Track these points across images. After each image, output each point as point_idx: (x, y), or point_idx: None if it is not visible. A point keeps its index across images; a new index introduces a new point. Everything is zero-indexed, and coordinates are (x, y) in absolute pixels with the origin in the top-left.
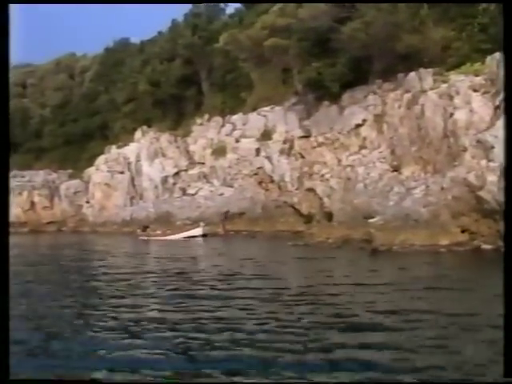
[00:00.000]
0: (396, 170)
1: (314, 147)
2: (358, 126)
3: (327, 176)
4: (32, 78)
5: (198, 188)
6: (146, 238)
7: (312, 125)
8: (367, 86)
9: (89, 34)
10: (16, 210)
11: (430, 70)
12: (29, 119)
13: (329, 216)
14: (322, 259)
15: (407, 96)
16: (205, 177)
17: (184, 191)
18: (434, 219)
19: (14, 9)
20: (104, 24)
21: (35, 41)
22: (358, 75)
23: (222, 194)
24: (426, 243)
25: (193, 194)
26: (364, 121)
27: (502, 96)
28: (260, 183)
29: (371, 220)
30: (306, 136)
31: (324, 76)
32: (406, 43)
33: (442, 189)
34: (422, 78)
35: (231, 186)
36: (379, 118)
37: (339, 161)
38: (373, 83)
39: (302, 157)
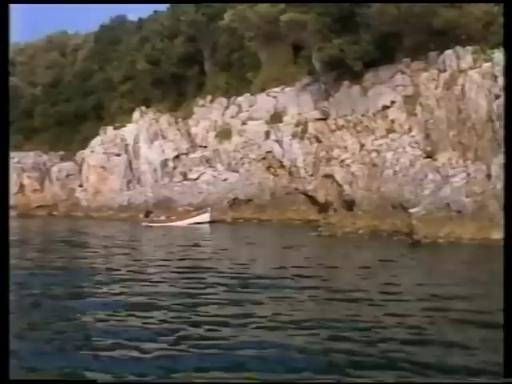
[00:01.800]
0: (430, 157)
1: (333, 130)
2: (385, 107)
3: (348, 161)
4: (21, 55)
5: (200, 172)
6: (149, 224)
7: (331, 106)
8: (393, 65)
9: (79, 12)
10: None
11: (468, 47)
12: (18, 98)
13: (348, 204)
14: (373, 254)
15: (444, 76)
16: (207, 161)
17: (185, 176)
18: (481, 210)
19: None
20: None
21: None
22: (383, 53)
23: (226, 180)
24: (477, 237)
25: (194, 179)
26: (392, 102)
27: None
28: (268, 168)
29: (412, 210)
30: (323, 118)
31: (346, 54)
32: (443, 18)
33: (488, 177)
34: (459, 57)
35: (236, 171)
36: (410, 100)
37: (362, 145)
38: (400, 62)
39: (318, 141)
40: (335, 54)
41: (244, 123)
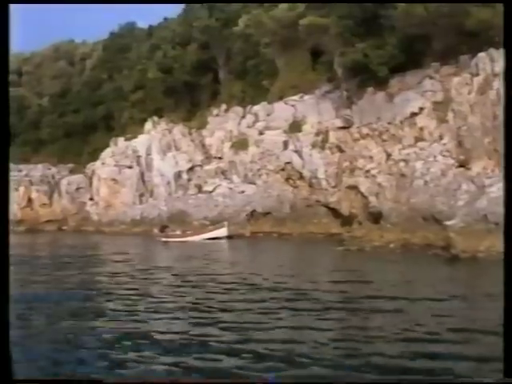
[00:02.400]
0: (463, 166)
1: (357, 139)
2: (413, 114)
3: (374, 172)
4: (27, 65)
5: (216, 185)
6: (164, 239)
7: (354, 114)
8: (421, 70)
9: (86, 21)
10: (11, 206)
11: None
12: (25, 109)
13: (375, 217)
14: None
15: (478, 80)
16: (223, 173)
17: (200, 188)
18: None
19: None
20: (103, 11)
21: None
22: (409, 58)
23: (242, 192)
24: None
25: (210, 192)
26: (421, 109)
27: None
28: (287, 180)
29: (449, 222)
30: (346, 127)
31: (370, 59)
32: (476, 19)
33: None
34: (493, 59)
35: (253, 183)
36: (440, 106)
37: (389, 155)
38: (428, 66)
39: (341, 150)
40: (359, 59)
41: (261, 133)
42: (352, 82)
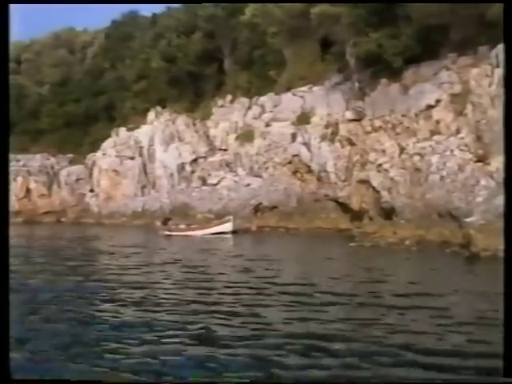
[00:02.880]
0: (481, 160)
1: (369, 132)
2: (429, 107)
3: (386, 166)
4: (27, 53)
5: (220, 177)
6: (167, 232)
7: (366, 106)
8: (437, 61)
9: (86, 9)
10: None
11: None
12: (24, 98)
13: (387, 212)
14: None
15: (499, 71)
16: (228, 165)
17: (204, 181)
18: None
19: None
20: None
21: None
22: (425, 48)
23: (248, 185)
24: None
25: (214, 184)
26: (437, 101)
27: None
28: (295, 173)
29: (468, 219)
30: (357, 119)
31: (385, 49)
32: (498, 9)
33: None
34: None
35: (259, 176)
36: (457, 98)
37: (402, 148)
38: (445, 57)
39: (351, 143)
40: (372, 49)
41: (268, 125)
42: (364, 73)
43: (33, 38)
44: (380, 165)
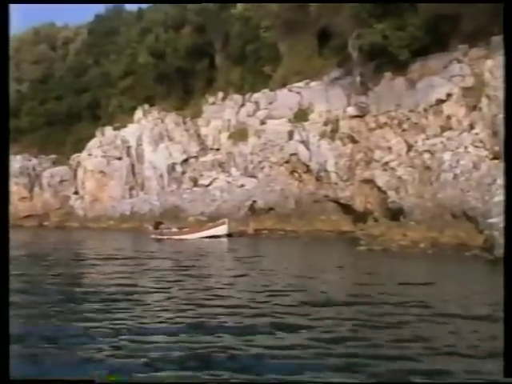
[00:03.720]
0: (497, 158)
1: (372, 129)
2: (440, 102)
3: (393, 164)
4: None
5: (213, 178)
6: (159, 236)
7: (369, 102)
8: (447, 53)
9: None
10: None
11: None
12: None
13: (393, 213)
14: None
15: None
16: (220, 165)
17: (195, 182)
18: None
19: None
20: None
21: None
22: (433, 40)
23: (242, 186)
24: None
25: (206, 186)
26: (448, 95)
27: None
28: (292, 173)
29: (491, 220)
30: (360, 116)
31: (390, 41)
32: None
33: None
34: None
35: (254, 177)
36: (470, 92)
37: (410, 146)
38: (455, 49)
39: (354, 141)
40: (378, 41)
41: (263, 122)
42: (367, 67)
43: (12, 33)
44: (386, 163)
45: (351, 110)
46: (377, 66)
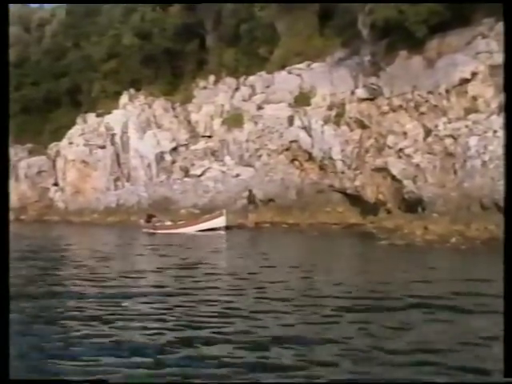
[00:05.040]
0: None
1: (385, 113)
2: (464, 81)
3: (408, 151)
4: None
5: (205, 168)
6: (151, 230)
7: (382, 83)
8: (469, 28)
9: None
10: None
11: None
12: None
13: (409, 205)
14: None
15: None
16: (213, 153)
17: (186, 172)
18: None
19: None
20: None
21: None
22: (454, 14)
23: (237, 176)
24: None
25: (198, 176)
26: (473, 74)
27: None
28: (292, 161)
29: None
30: (370, 98)
31: (407, 16)
32: None
33: None
34: None
35: (251, 166)
36: (499, 70)
37: (429, 130)
38: (478, 24)
39: (363, 126)
40: (393, 16)
41: (260, 107)
42: (379, 46)
43: None
44: (401, 149)
45: (360, 93)
46: (389, 44)
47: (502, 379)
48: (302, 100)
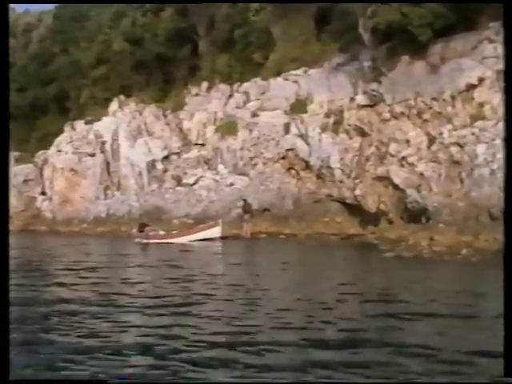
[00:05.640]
0: None
1: (386, 120)
2: (470, 87)
3: (411, 159)
4: None
5: (198, 176)
6: (144, 240)
7: (383, 89)
8: (475, 33)
9: None
10: None
11: None
12: None
13: (413, 214)
14: None
15: None
16: (206, 162)
17: (178, 180)
18: None
19: None
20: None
21: None
22: (459, 18)
23: (231, 185)
24: None
25: (191, 185)
26: (480, 80)
27: None
28: (289, 170)
29: None
30: (371, 105)
31: (410, 19)
32: None
33: None
34: None
35: (245, 174)
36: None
37: (433, 138)
38: (485, 28)
39: (363, 134)
40: (396, 19)
41: (255, 115)
42: (379, 50)
43: None
44: (403, 158)
45: (360, 99)
46: (390, 48)
47: (502, 379)
48: (299, 107)
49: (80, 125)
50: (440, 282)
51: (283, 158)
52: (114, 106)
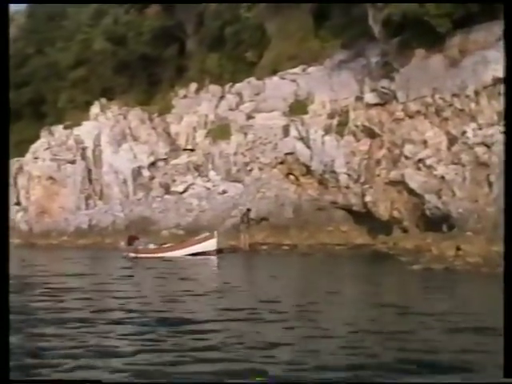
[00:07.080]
0: None
1: (399, 119)
2: (497, 81)
3: (430, 161)
4: None
5: (188, 184)
6: (133, 254)
7: (394, 87)
8: (497, 22)
9: None
10: None
11: None
12: None
13: (432, 222)
14: None
15: None
16: (196, 168)
17: (167, 188)
18: None
19: None
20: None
21: None
22: (481, 7)
23: (224, 193)
24: None
25: (180, 193)
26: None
27: None
28: (288, 176)
29: None
30: (381, 104)
31: (427, 9)
32: None
33: None
34: None
35: (239, 181)
36: None
37: (453, 138)
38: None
39: (372, 135)
40: (413, 9)
41: (250, 117)
42: (391, 44)
43: None
44: (420, 160)
45: (369, 98)
46: (402, 42)
47: (502, 379)
48: (298, 108)
49: (59, 130)
50: None
51: (281, 162)
52: (95, 109)
